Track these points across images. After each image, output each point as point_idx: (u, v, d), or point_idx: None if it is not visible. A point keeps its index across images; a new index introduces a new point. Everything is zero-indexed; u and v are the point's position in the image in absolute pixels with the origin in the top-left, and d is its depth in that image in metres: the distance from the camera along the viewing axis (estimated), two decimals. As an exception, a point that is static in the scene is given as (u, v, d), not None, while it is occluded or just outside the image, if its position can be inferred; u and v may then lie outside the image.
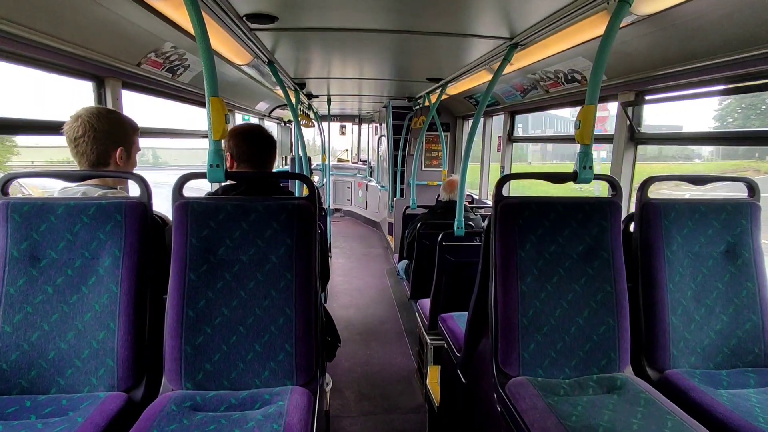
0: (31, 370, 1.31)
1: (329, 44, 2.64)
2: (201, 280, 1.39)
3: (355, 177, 9.10)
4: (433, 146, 6.07)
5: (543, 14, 1.82)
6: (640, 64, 2.04)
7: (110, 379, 1.33)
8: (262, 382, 1.38)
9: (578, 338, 1.49)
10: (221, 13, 1.78)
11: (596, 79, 1.46)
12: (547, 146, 23.45)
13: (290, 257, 1.43)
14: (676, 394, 1.42)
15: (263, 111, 5.60)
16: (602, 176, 1.58)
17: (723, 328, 1.58)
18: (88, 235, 1.36)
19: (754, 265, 1.62)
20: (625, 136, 2.40)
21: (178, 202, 1.41)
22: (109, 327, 1.34)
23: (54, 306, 1.33)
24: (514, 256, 1.48)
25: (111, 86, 2.05)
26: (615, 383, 1.41)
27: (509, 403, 1.36)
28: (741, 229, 1.62)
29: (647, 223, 1.61)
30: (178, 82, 2.49)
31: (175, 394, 1.31)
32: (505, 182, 1.59)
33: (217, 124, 1.36)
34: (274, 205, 1.44)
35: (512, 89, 3.46)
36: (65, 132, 1.48)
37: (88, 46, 1.66)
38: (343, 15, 2.00)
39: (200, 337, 1.37)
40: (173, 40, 2.03)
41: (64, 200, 1.38)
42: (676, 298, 1.57)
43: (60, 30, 1.48)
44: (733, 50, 1.59)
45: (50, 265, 1.35)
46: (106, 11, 1.54)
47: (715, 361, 1.56)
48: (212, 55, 1.38)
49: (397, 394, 2.92)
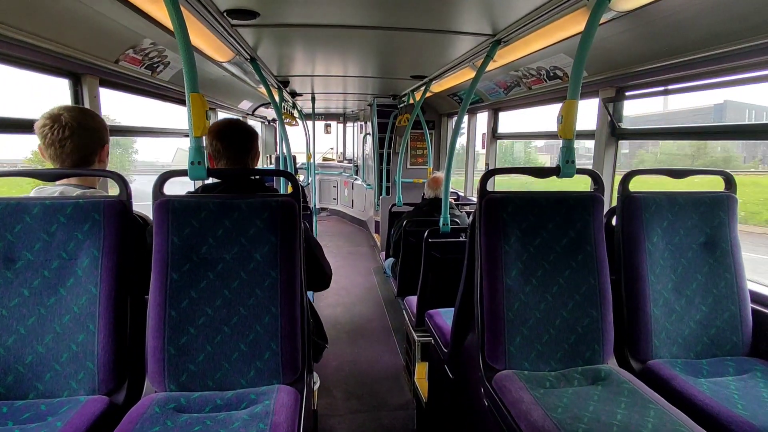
0: (8, 376, 1.27)
1: (312, 41, 2.62)
2: (183, 280, 1.36)
3: (340, 176, 9.07)
4: (418, 144, 6.08)
5: (525, 10, 1.84)
6: (620, 61, 2.07)
7: (91, 382, 1.30)
8: (248, 381, 1.37)
9: (563, 331, 1.50)
10: (201, 8, 1.75)
11: (577, 75, 1.48)
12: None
13: (275, 255, 1.41)
14: (658, 383, 1.44)
15: (246, 110, 5.53)
16: (585, 170, 1.60)
17: (702, 318, 1.62)
18: (66, 235, 1.33)
19: (731, 256, 1.66)
20: (606, 132, 2.44)
21: (159, 200, 1.39)
22: (89, 329, 1.31)
23: (30, 309, 1.30)
24: (499, 251, 1.49)
25: (88, 84, 1.99)
26: (599, 374, 1.43)
27: (496, 397, 1.37)
28: (719, 221, 1.66)
29: (628, 216, 1.64)
30: (157, 79, 2.44)
31: (159, 396, 1.29)
32: (490, 177, 1.60)
33: (197, 121, 1.34)
34: (258, 203, 1.42)
35: (496, 86, 3.48)
36: (41, 133, 1.42)
37: (64, 42, 1.61)
38: (326, 11, 1.98)
39: (183, 337, 1.34)
40: (152, 36, 1.98)
41: (40, 200, 1.34)
42: (657, 289, 1.60)
43: (34, 25, 1.43)
44: (710, 46, 1.62)
45: (26, 266, 1.31)
46: (82, 6, 1.50)
47: (696, 351, 1.60)
48: (192, 50, 1.36)
49: (385, 391, 2.92)
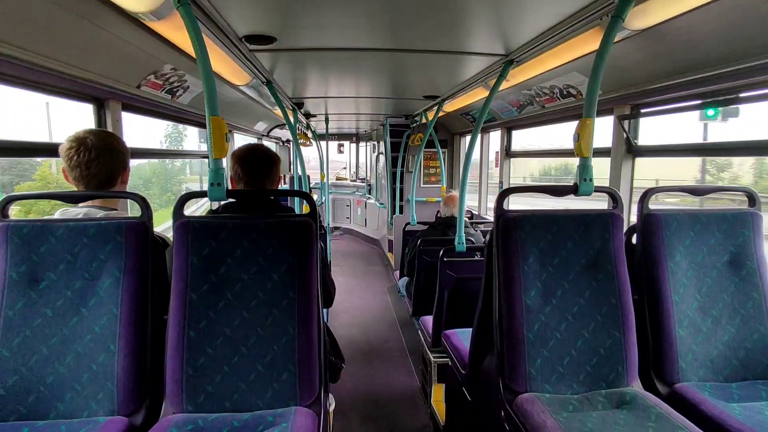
0: (30, 395, 1.28)
1: (326, 64, 2.68)
2: (202, 300, 1.37)
3: (353, 195, 9.12)
4: (431, 163, 6.10)
5: (538, 31, 1.86)
6: (634, 78, 2.06)
7: (110, 403, 1.30)
8: (265, 403, 1.35)
9: (585, 352, 1.46)
10: (221, 34, 1.80)
11: (592, 93, 1.48)
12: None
13: (292, 275, 1.42)
14: (686, 407, 1.39)
15: (262, 131, 5.64)
16: (603, 188, 1.58)
17: (730, 339, 1.56)
18: (88, 255, 1.35)
19: (758, 275, 1.61)
20: (623, 149, 2.42)
21: (179, 221, 1.41)
22: (109, 349, 1.32)
23: (53, 329, 1.31)
24: (517, 270, 1.47)
25: (111, 108, 2.06)
26: (624, 398, 1.39)
27: (517, 421, 1.33)
28: (743, 239, 1.62)
29: (649, 234, 1.61)
30: (177, 103, 2.51)
31: (177, 418, 1.28)
32: (506, 196, 1.59)
33: (217, 143, 1.37)
34: (275, 223, 1.43)
35: (508, 105, 3.49)
36: (67, 156, 1.46)
37: (89, 69, 1.68)
38: (340, 34, 2.03)
39: (201, 358, 1.34)
40: (173, 61, 2.05)
41: (64, 221, 1.37)
42: (681, 309, 1.56)
43: (60, 52, 1.49)
44: (724, 63, 1.61)
45: (50, 287, 1.33)
46: (107, 34, 1.56)
47: (725, 374, 1.54)
48: (212, 75, 1.39)
49: (401, 414, 2.87)
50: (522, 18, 1.73)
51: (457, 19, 1.78)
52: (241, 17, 1.74)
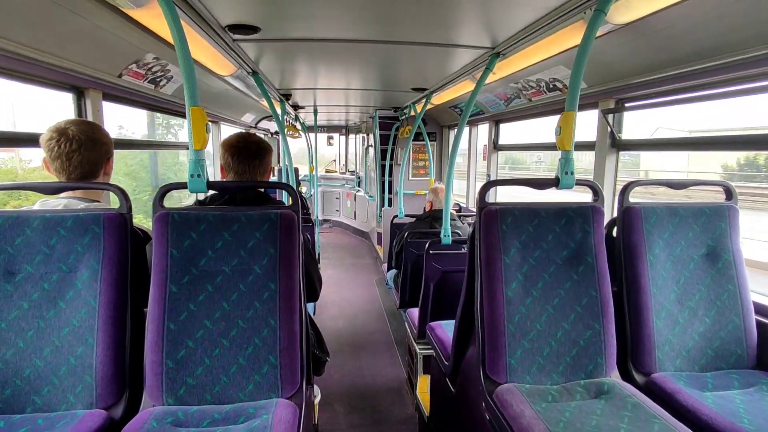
0: (5, 389, 1.26)
1: (314, 55, 2.65)
2: (182, 293, 1.36)
3: (343, 187, 9.09)
4: (419, 156, 6.10)
5: (523, 23, 1.86)
6: (618, 72, 2.08)
7: (89, 396, 1.29)
8: (246, 395, 1.35)
9: (565, 344, 1.49)
10: (203, 23, 1.77)
11: (575, 86, 1.49)
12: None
13: (274, 267, 1.41)
14: (662, 397, 1.42)
15: (249, 122, 5.58)
16: (584, 182, 1.59)
17: (706, 330, 1.60)
18: (66, 248, 1.33)
19: (734, 267, 1.64)
20: (607, 143, 2.44)
21: (159, 212, 1.39)
22: (88, 342, 1.30)
23: (29, 322, 1.29)
24: (498, 263, 1.48)
25: (91, 98, 2.02)
26: (602, 388, 1.41)
27: (497, 411, 1.35)
28: (720, 232, 1.65)
29: (629, 227, 1.63)
30: (160, 93, 2.47)
31: (156, 410, 1.28)
32: (489, 188, 1.60)
33: (197, 134, 1.35)
34: (257, 215, 1.42)
35: (496, 98, 3.50)
36: (48, 147, 1.43)
37: (68, 57, 1.64)
38: (327, 26, 2.01)
39: (182, 350, 1.34)
40: (155, 51, 2.01)
41: (40, 212, 1.34)
42: (659, 301, 1.58)
43: (38, 40, 1.45)
44: (707, 57, 1.63)
45: (26, 279, 1.31)
46: (86, 21, 1.52)
47: (700, 364, 1.57)
48: (192, 65, 1.37)
49: (387, 405, 2.89)
50: (508, 10, 1.72)
51: (445, 11, 1.77)
52: (223, 6, 1.71)
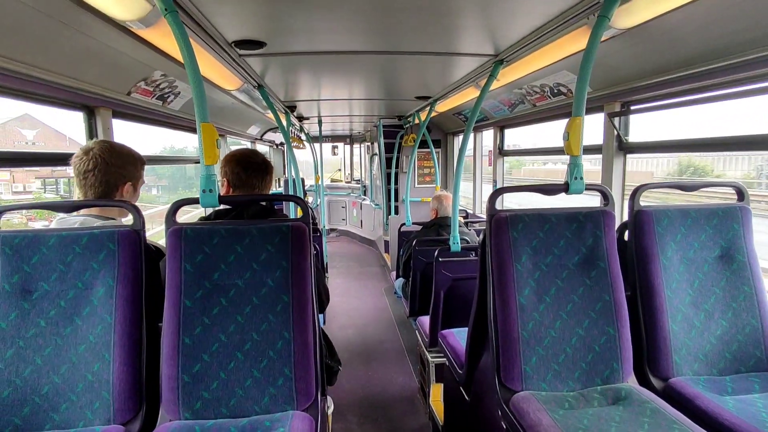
0: (24, 407, 1.27)
1: (318, 67, 2.68)
2: (196, 307, 1.37)
3: (348, 196, 9.12)
4: (425, 163, 6.11)
5: (526, 31, 1.87)
6: (623, 76, 2.08)
7: (106, 412, 1.30)
8: (262, 408, 1.35)
9: (580, 349, 1.47)
10: (209, 40, 1.80)
11: (581, 92, 1.49)
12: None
13: (286, 280, 1.42)
14: (681, 402, 1.40)
15: (255, 134, 5.63)
16: (594, 186, 1.59)
17: (723, 333, 1.58)
18: (81, 265, 1.35)
19: (749, 268, 1.62)
20: (614, 146, 2.43)
21: (172, 228, 1.40)
22: (104, 358, 1.31)
23: (47, 339, 1.31)
24: (510, 269, 1.48)
25: (101, 116, 2.05)
26: (620, 394, 1.40)
27: (514, 419, 1.34)
28: (733, 233, 1.63)
29: (640, 230, 1.62)
30: (168, 109, 2.50)
31: (173, 425, 1.28)
32: (498, 195, 1.60)
33: (208, 150, 1.37)
34: (268, 228, 1.43)
35: (500, 104, 3.51)
36: (74, 164, 1.48)
37: (78, 77, 1.67)
38: (331, 38, 2.03)
39: (197, 364, 1.34)
40: (163, 68, 2.04)
41: (56, 231, 1.36)
42: (674, 304, 1.57)
43: (49, 61, 1.48)
44: (711, 60, 1.63)
45: (43, 297, 1.33)
46: (94, 42, 1.55)
47: (718, 367, 1.55)
48: (202, 82, 1.39)
49: (400, 414, 2.87)
50: (510, 18, 1.74)
51: (447, 20, 1.79)
52: (229, 23, 1.74)
